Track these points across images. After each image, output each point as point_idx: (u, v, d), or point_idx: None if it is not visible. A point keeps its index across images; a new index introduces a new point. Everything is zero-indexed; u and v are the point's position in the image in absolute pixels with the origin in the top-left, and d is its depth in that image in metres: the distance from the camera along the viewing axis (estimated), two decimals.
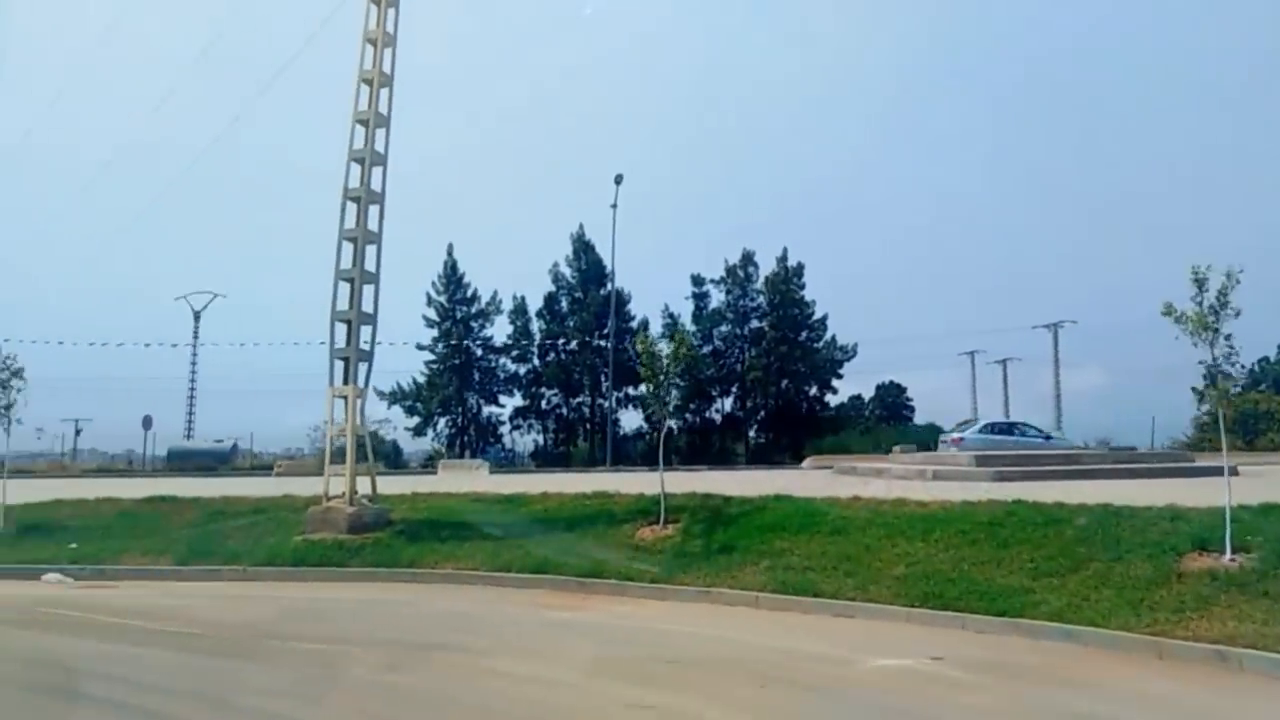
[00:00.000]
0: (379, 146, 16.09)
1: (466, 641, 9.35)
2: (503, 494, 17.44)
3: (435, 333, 52.14)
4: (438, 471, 29.21)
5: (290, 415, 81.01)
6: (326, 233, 16.15)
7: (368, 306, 15.95)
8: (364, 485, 16.02)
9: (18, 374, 17.25)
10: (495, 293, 52.78)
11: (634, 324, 50.75)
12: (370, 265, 15.92)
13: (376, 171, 16.10)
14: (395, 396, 52.13)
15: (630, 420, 52.15)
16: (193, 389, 68.89)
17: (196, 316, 66.29)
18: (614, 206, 42.75)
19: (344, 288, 15.82)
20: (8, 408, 17.03)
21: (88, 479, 36.55)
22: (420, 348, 51.65)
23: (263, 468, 49.28)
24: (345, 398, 15.71)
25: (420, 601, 12.10)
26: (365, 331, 16.02)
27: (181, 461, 52.23)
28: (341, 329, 15.79)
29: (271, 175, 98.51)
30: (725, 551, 12.74)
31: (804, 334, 51.06)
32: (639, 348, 14.98)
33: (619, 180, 42.07)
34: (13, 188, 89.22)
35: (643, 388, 53.48)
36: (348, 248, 15.91)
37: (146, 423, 52.85)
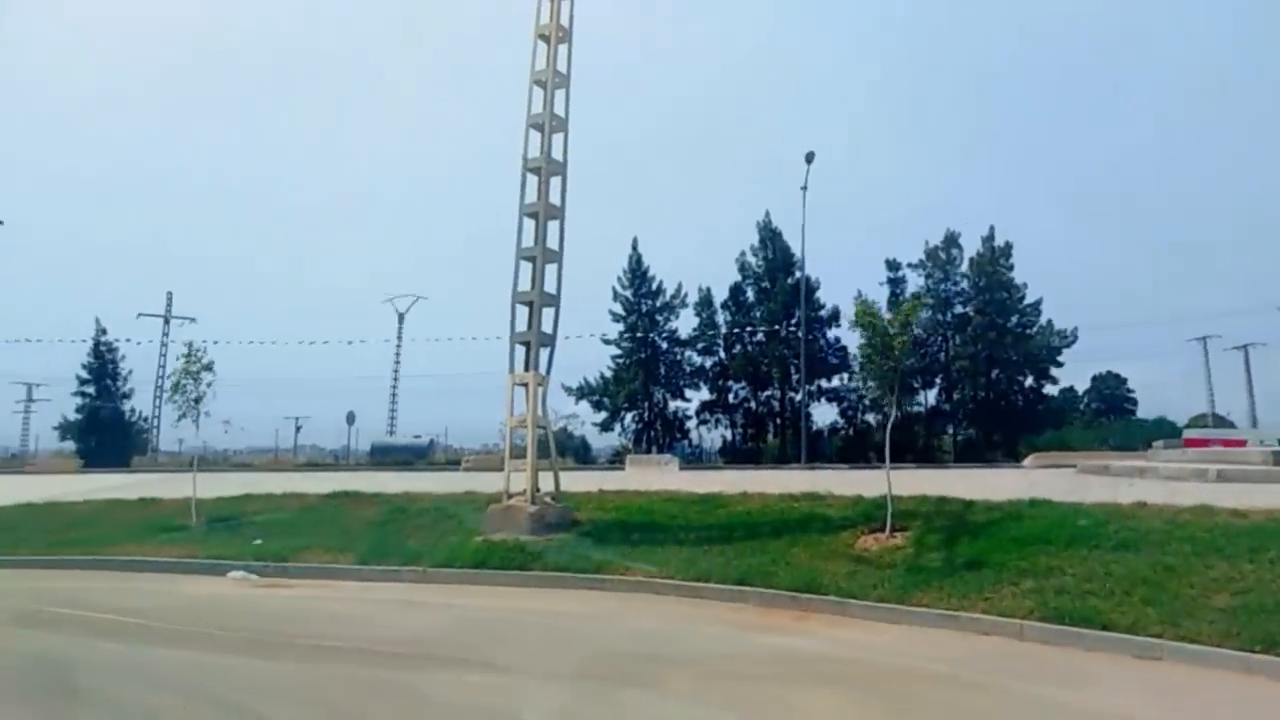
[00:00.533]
0: (559, 109, 14.68)
1: (666, 675, 7.59)
2: (697, 493, 15.66)
3: (621, 327, 51.67)
4: (625, 467, 27.91)
5: (485, 411, 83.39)
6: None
7: (550, 287, 14.57)
8: (547, 482, 14.71)
9: (208, 367, 17.21)
10: (680, 285, 51.68)
11: (823, 313, 48.10)
12: (553, 242, 14.56)
13: (557, 139, 14.71)
14: (583, 391, 51.87)
15: (822, 415, 49.49)
16: (395, 386, 72.35)
17: (400, 318, 69.73)
18: (804, 189, 40.11)
19: (525, 268, 14.53)
20: (197, 400, 16.97)
21: (298, 473, 38.01)
22: (606, 342, 51.11)
23: (455, 462, 50.21)
24: (526, 385, 14.43)
25: (608, 616, 10.49)
26: (548, 315, 14.66)
27: (382, 456, 54.35)
28: (523, 312, 14.51)
29: (469, 169, 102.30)
30: (972, 568, 10.35)
31: (1014, 319, 46.56)
32: (857, 315, 12.66)
33: (810, 159, 39.36)
34: (224, 197, 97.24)
35: (835, 380, 51.55)
36: (528, 224, 14.61)
37: (350, 419, 55.41)
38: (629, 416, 52.29)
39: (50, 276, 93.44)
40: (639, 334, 51.32)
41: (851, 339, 49.33)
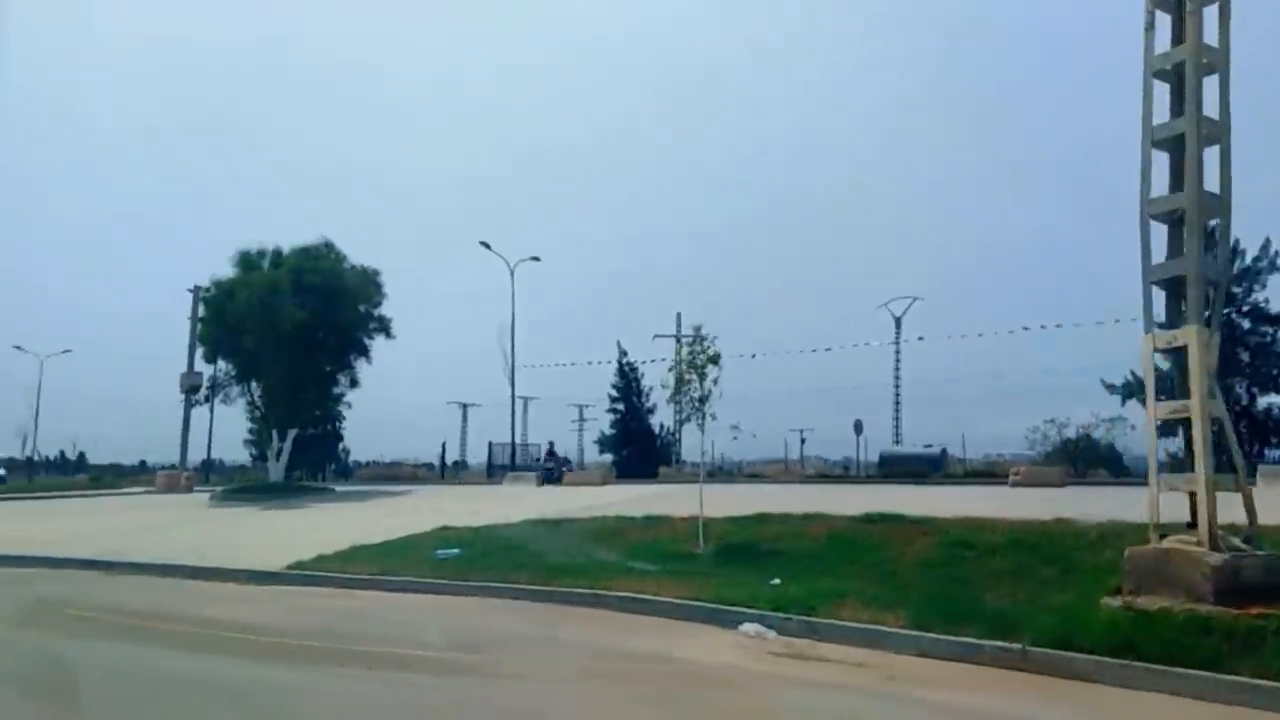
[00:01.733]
0: None
1: None
2: None
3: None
4: (1256, 481, 19.84)
5: (997, 417, 75.08)
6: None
7: (1212, 185, 8.76)
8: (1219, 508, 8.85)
9: (714, 360, 14.25)
10: (1267, 241, 39.68)
11: None
12: (1211, 111, 8.76)
13: None
14: (1130, 388, 42.50)
15: None
16: (897, 393, 68.85)
17: (897, 322, 67.08)
18: None
19: (1160, 161, 8.93)
20: (702, 400, 14.06)
21: (811, 485, 35.38)
22: (1162, 326, 40.76)
23: (979, 474, 44.07)
24: (1180, 349, 8.77)
25: None
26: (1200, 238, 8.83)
27: (892, 467, 50.34)
28: (1159, 232, 8.92)
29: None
30: None
31: None
32: None
33: None
34: (711, 208, 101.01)
35: None
36: (1160, 90, 8.98)
37: (858, 427, 52.09)
38: None
39: (579, 304, 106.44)
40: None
41: None
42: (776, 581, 11.23)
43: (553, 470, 44.90)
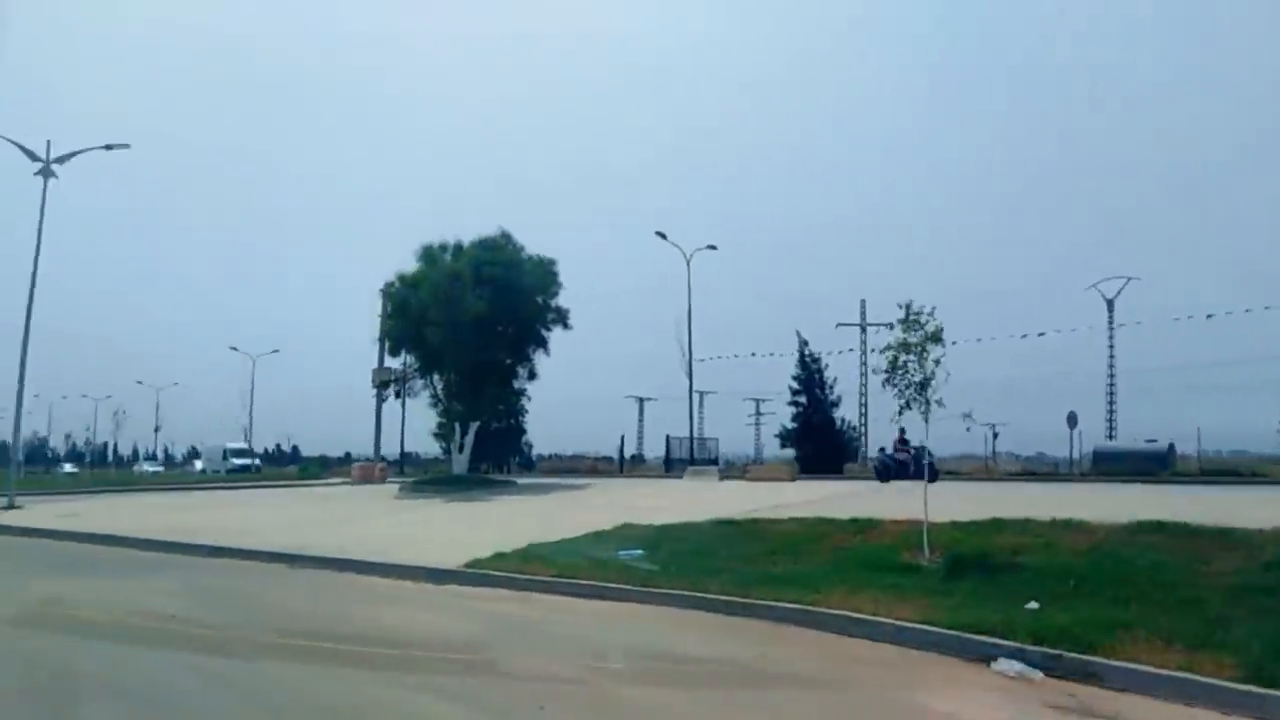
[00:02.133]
0: None
1: None
2: None
3: None
4: None
5: (1236, 409, 66.63)
6: None
7: None
8: None
9: (935, 338, 12.13)
10: None
11: None
12: None
13: None
14: None
15: None
16: (1111, 383, 62.60)
17: (1110, 304, 60.73)
18: None
19: None
20: (923, 385, 11.95)
21: (1018, 484, 32.03)
22: None
23: (1218, 473, 38.92)
24: None
25: None
26: None
27: (1108, 464, 45.24)
28: None
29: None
30: None
31: None
32: None
33: None
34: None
35: None
36: None
37: (1071, 420, 47.06)
38: None
39: (753, 294, 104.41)
40: None
41: None
42: (1034, 605, 9.04)
43: (905, 464, 31.17)
